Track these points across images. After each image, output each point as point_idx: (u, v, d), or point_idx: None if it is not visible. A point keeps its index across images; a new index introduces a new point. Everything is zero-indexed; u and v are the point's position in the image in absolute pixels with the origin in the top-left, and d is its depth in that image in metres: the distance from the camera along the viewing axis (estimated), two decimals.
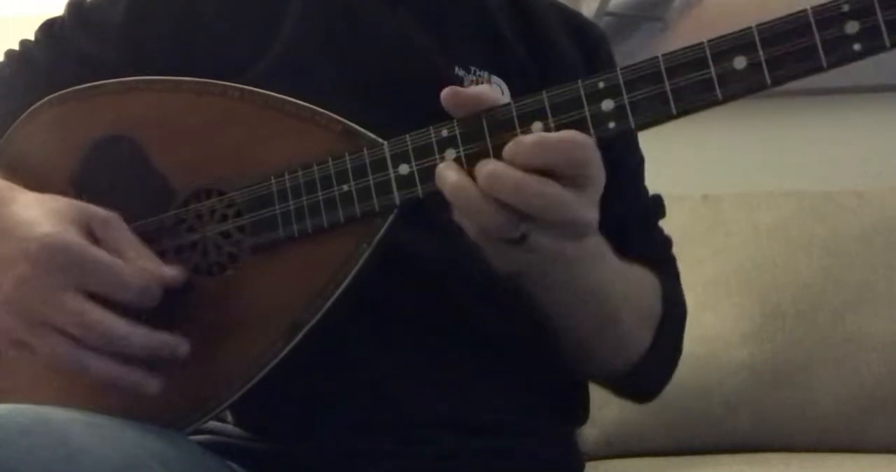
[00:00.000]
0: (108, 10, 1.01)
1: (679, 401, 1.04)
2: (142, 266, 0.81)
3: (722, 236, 1.67)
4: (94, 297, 0.78)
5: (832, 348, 1.58)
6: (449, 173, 0.75)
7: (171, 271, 0.82)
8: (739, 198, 1.70)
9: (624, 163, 1.04)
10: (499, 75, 0.98)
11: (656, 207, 1.08)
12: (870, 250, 1.61)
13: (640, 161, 1.10)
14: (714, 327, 1.59)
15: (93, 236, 0.81)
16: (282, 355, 0.81)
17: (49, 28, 1.05)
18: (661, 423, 1.59)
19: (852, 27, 0.68)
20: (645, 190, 1.09)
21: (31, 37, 1.06)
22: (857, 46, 0.68)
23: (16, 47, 1.07)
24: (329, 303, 0.80)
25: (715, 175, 1.86)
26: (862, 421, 1.57)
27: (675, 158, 1.05)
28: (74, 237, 0.79)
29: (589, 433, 1.03)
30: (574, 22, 1.08)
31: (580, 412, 1.03)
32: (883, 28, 0.67)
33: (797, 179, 1.82)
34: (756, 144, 1.88)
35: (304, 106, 0.84)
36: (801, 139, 1.88)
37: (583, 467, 1.03)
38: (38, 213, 0.81)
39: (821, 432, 1.57)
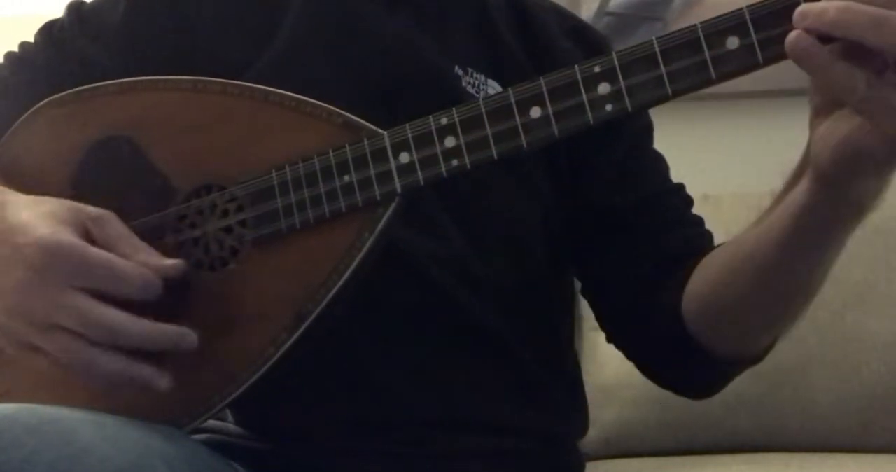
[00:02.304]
0: (108, 12, 1.01)
1: (679, 401, 1.04)
2: (140, 260, 0.81)
3: (722, 235, 1.66)
4: (98, 296, 0.78)
5: (832, 348, 1.58)
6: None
7: (170, 263, 0.82)
8: (739, 198, 1.69)
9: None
10: (496, 77, 0.98)
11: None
12: (870, 250, 1.61)
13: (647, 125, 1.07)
14: None
15: (89, 235, 0.81)
16: (286, 346, 0.81)
17: (49, 30, 1.04)
18: (660, 423, 1.59)
19: None
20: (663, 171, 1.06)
21: (31, 37, 1.06)
22: None
23: (15, 49, 1.07)
24: (332, 292, 0.80)
25: (715, 175, 1.86)
26: (862, 421, 1.57)
27: (675, 158, 1.05)
28: (70, 237, 0.79)
29: (589, 433, 1.03)
30: (573, 24, 1.08)
31: (580, 414, 1.03)
32: None
33: None
34: (756, 144, 1.88)
35: (303, 100, 0.84)
36: (802, 139, 1.88)
37: (583, 467, 1.03)
38: (32, 215, 0.81)
39: (821, 432, 1.58)
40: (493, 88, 0.97)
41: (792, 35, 0.64)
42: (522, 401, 0.95)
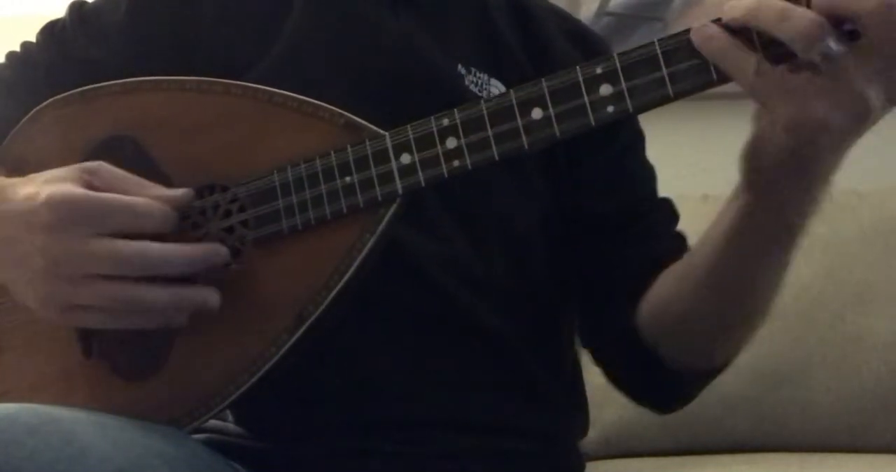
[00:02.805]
0: (110, 12, 1.01)
1: None
2: (148, 194, 0.82)
3: None
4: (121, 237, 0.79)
5: (832, 348, 1.58)
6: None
7: (179, 193, 0.83)
8: None
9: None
10: (497, 77, 0.98)
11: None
12: (870, 250, 1.61)
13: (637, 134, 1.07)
14: None
15: (91, 186, 0.81)
16: (287, 347, 0.81)
17: (50, 30, 1.04)
18: (660, 423, 1.59)
19: None
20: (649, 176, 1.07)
21: (32, 37, 1.06)
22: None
23: (16, 49, 1.07)
24: (333, 293, 0.81)
25: (715, 175, 1.86)
26: (862, 421, 1.57)
27: (675, 158, 1.05)
28: (75, 189, 0.79)
29: (589, 433, 1.04)
30: (572, 26, 1.08)
31: (580, 414, 1.03)
32: None
33: None
34: None
35: (306, 101, 0.85)
36: None
37: (583, 467, 1.03)
38: (33, 186, 0.81)
39: (821, 432, 1.57)
40: (497, 87, 0.97)
41: (699, 23, 0.68)
42: (522, 401, 0.95)
